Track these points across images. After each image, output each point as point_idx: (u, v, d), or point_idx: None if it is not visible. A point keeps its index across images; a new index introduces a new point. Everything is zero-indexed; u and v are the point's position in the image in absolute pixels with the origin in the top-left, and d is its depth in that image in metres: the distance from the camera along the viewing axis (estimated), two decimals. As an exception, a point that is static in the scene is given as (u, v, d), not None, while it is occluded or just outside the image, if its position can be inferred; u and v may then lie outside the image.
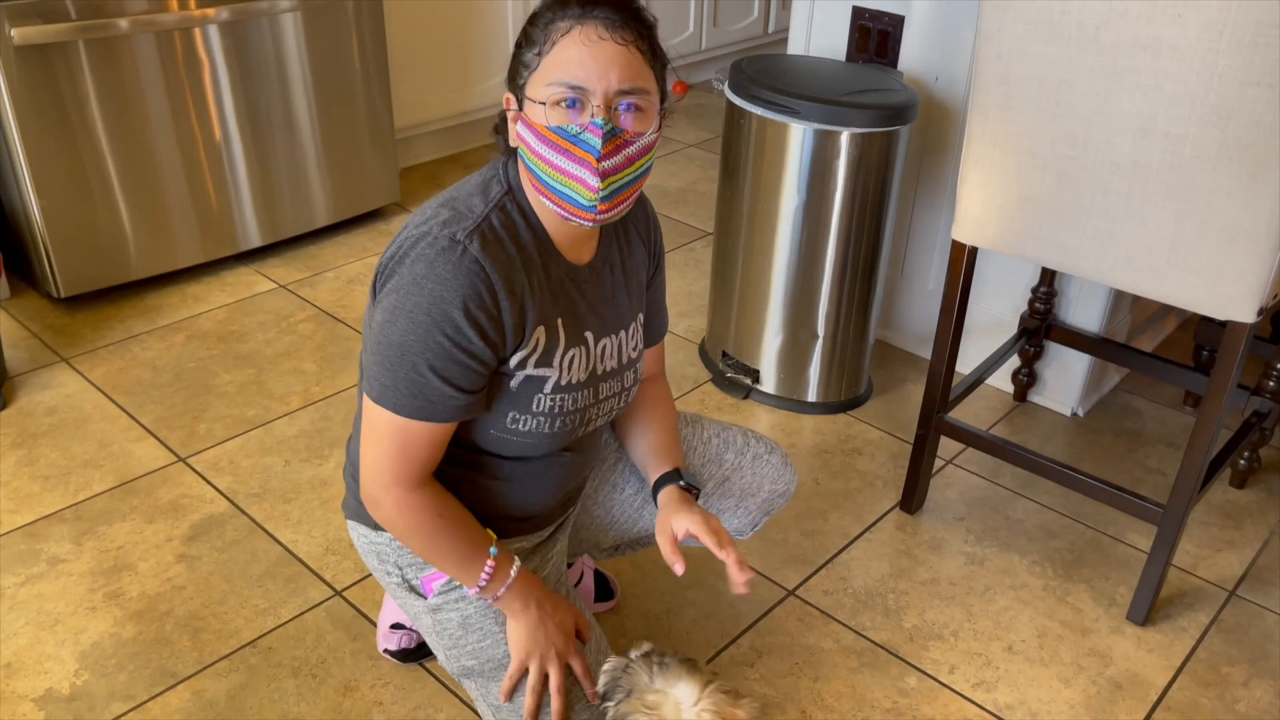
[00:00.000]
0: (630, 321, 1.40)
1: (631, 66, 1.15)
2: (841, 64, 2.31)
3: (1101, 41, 1.47)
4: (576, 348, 1.30)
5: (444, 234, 1.17)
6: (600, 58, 1.13)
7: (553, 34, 1.15)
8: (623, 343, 1.38)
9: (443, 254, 1.16)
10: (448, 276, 1.16)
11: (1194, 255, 1.51)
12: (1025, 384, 2.39)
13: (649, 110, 1.18)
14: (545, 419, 1.29)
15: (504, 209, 1.23)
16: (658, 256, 1.47)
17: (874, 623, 1.80)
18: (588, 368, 1.32)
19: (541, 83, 1.15)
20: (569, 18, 1.14)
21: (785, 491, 1.60)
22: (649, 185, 3.48)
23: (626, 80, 1.14)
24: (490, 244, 1.19)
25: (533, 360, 1.26)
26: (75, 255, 2.53)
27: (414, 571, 1.39)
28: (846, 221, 2.15)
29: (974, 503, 2.09)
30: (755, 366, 2.37)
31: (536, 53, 1.16)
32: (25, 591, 1.78)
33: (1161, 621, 1.83)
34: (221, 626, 1.73)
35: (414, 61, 3.27)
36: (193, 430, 2.20)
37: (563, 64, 1.14)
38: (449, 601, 1.37)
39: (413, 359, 1.18)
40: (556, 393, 1.29)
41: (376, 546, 1.41)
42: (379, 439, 1.24)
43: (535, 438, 1.31)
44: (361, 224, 3.09)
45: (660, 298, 1.51)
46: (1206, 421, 1.63)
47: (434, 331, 1.17)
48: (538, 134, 1.17)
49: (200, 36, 2.53)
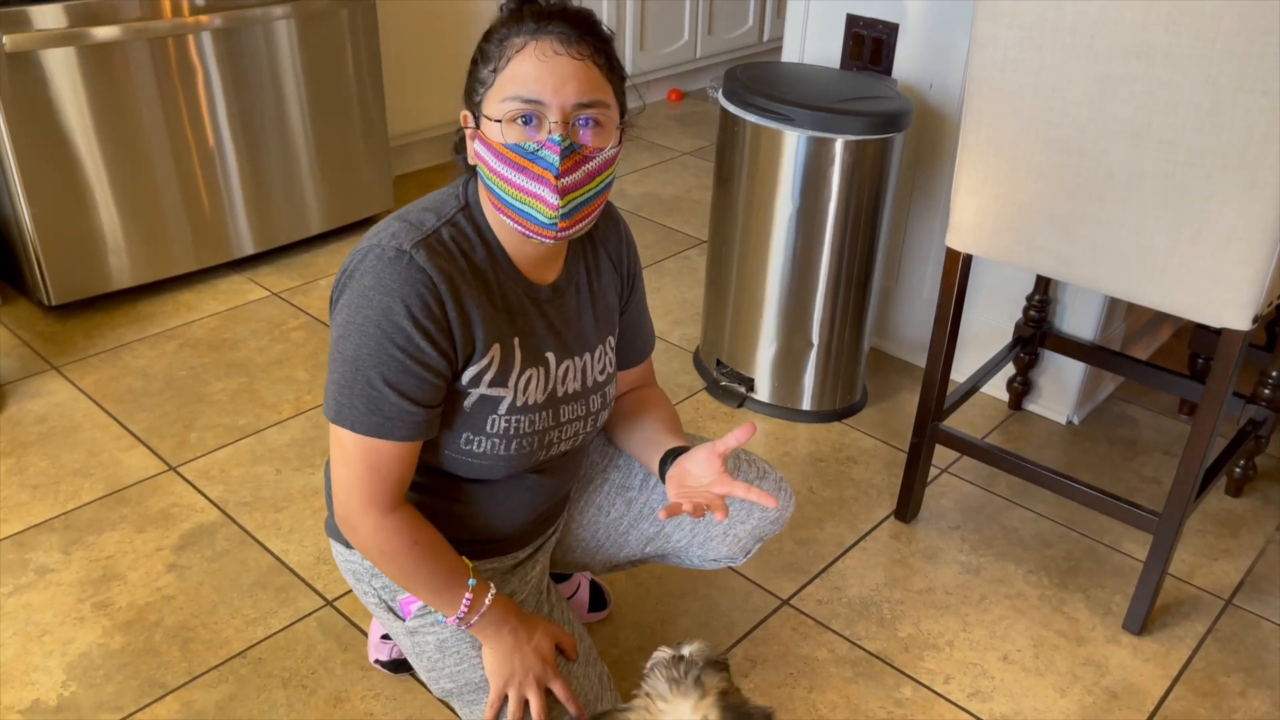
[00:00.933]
0: (597, 344, 1.36)
1: (589, 80, 1.13)
2: (836, 71, 2.30)
3: (1095, 48, 1.47)
4: (533, 369, 1.28)
5: (391, 245, 1.16)
6: (556, 72, 1.11)
7: (508, 50, 1.13)
8: (588, 365, 1.35)
9: (390, 264, 1.15)
10: (393, 286, 1.15)
11: (1189, 262, 1.51)
12: (1020, 392, 2.39)
13: (608, 125, 1.16)
14: (501, 440, 1.27)
15: (456, 224, 1.21)
16: (632, 277, 1.43)
17: (869, 632, 1.79)
18: (546, 389, 1.30)
19: (497, 99, 1.14)
20: (524, 33, 1.13)
21: (778, 519, 1.53)
22: (642, 193, 3.48)
23: (584, 94, 1.13)
24: (437, 254, 1.17)
25: (486, 379, 1.24)
26: (66, 263, 2.52)
27: (390, 593, 1.37)
28: (841, 229, 2.15)
29: (969, 511, 2.08)
30: (750, 375, 2.36)
31: (492, 69, 1.14)
32: (13, 602, 1.76)
33: (1158, 631, 1.82)
34: (211, 637, 1.71)
35: (409, 68, 3.27)
36: (184, 439, 2.18)
37: (518, 79, 1.12)
38: (425, 624, 1.36)
39: (366, 373, 1.17)
40: (512, 414, 1.26)
41: (352, 566, 1.40)
42: (348, 460, 1.22)
43: (491, 460, 1.28)
44: (355, 231, 3.08)
45: (640, 317, 1.48)
46: (1202, 430, 1.63)
47: (385, 343, 1.16)
48: (495, 152, 1.15)
49: (194, 43, 2.52)
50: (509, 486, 1.34)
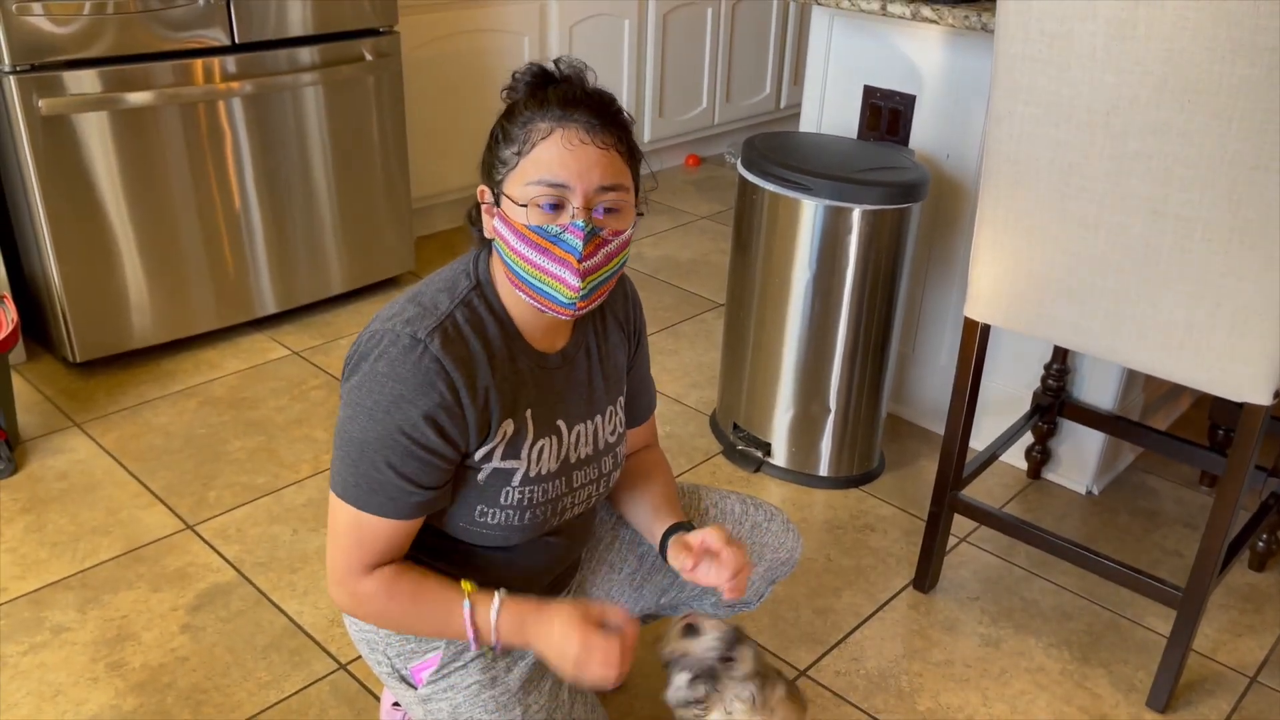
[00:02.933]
0: (607, 405, 1.37)
1: (612, 168, 1.16)
2: (853, 141, 2.34)
3: (1111, 126, 1.49)
4: (546, 438, 1.28)
5: (405, 331, 1.17)
6: (581, 160, 1.14)
7: (533, 134, 1.15)
8: (599, 428, 1.36)
9: (404, 353, 1.16)
10: (407, 376, 1.15)
11: (1207, 337, 1.51)
12: (1039, 461, 2.37)
13: (626, 209, 1.19)
14: (514, 512, 1.27)
15: (470, 304, 1.22)
16: (638, 335, 1.45)
17: (887, 705, 1.76)
18: (559, 457, 1.30)
19: (520, 182, 1.16)
20: (549, 119, 1.15)
21: (789, 559, 1.56)
22: (660, 256, 3.51)
23: (607, 180, 1.16)
24: (452, 341, 1.18)
25: (499, 452, 1.24)
26: (92, 320, 2.56)
27: (403, 661, 1.36)
28: (858, 297, 2.16)
29: (988, 582, 2.06)
30: (766, 439, 2.36)
31: (515, 151, 1.16)
32: (28, 660, 1.76)
33: (1182, 709, 1.78)
34: (223, 700, 1.70)
35: (432, 134, 3.33)
36: (202, 497, 2.19)
37: (543, 165, 1.14)
38: (438, 692, 1.34)
39: (372, 456, 1.18)
40: (525, 485, 1.27)
41: (366, 635, 1.39)
42: (339, 534, 1.23)
43: (505, 530, 1.29)
44: (376, 292, 3.12)
45: (644, 376, 1.50)
46: (1225, 504, 1.61)
47: (393, 430, 1.16)
48: (516, 232, 1.17)
49: (224, 109, 2.58)
50: (526, 550, 1.34)
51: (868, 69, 2.38)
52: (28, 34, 2.27)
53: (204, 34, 2.50)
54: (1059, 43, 1.50)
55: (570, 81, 1.20)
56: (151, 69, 2.45)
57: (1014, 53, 1.56)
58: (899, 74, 2.34)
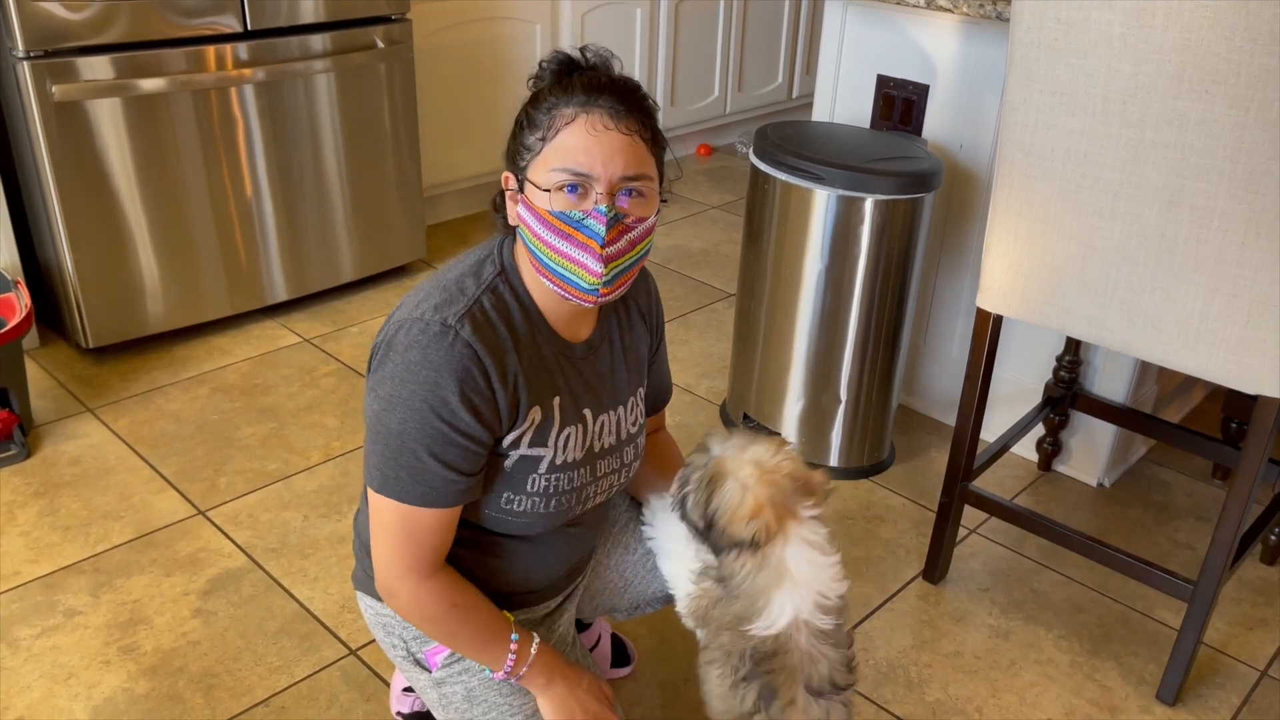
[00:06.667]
0: (629, 397, 1.38)
1: (635, 155, 1.16)
2: (866, 131, 2.33)
3: (1127, 115, 1.48)
4: (573, 425, 1.29)
5: (435, 318, 1.17)
6: (605, 146, 1.14)
7: (557, 120, 1.15)
8: (621, 418, 1.37)
9: (435, 339, 1.16)
10: (441, 362, 1.16)
11: (1223, 329, 1.50)
12: (1050, 453, 2.37)
13: (650, 195, 1.19)
14: (540, 499, 1.28)
15: (496, 290, 1.22)
16: (659, 330, 1.46)
17: (896, 695, 1.76)
18: (584, 446, 1.31)
19: (544, 168, 1.16)
20: (574, 104, 1.15)
21: None
22: (671, 246, 3.50)
23: (631, 167, 1.15)
24: (482, 327, 1.18)
25: (527, 439, 1.25)
26: (105, 306, 2.56)
27: (418, 645, 1.37)
28: (870, 287, 2.15)
29: (998, 574, 2.06)
30: (777, 430, 2.35)
31: (540, 137, 1.16)
32: (41, 643, 1.77)
33: (1192, 701, 1.78)
34: (235, 684, 1.71)
35: (443, 122, 3.32)
36: (213, 483, 2.20)
37: (567, 151, 1.14)
38: (453, 674, 1.35)
39: (412, 446, 1.18)
40: (552, 472, 1.27)
41: (382, 619, 1.40)
42: (387, 529, 1.23)
43: (531, 518, 1.29)
44: (387, 280, 3.12)
45: (663, 369, 1.51)
46: (1237, 497, 1.60)
47: (431, 418, 1.16)
48: (540, 218, 1.17)
49: (236, 96, 2.59)
50: (548, 539, 1.36)
51: (881, 58, 2.37)
52: (41, 20, 2.27)
53: (217, 21, 2.50)
54: (1075, 31, 1.49)
55: (596, 69, 1.20)
56: (164, 56, 2.45)
57: (1030, 41, 1.55)
58: (912, 63, 2.32)
